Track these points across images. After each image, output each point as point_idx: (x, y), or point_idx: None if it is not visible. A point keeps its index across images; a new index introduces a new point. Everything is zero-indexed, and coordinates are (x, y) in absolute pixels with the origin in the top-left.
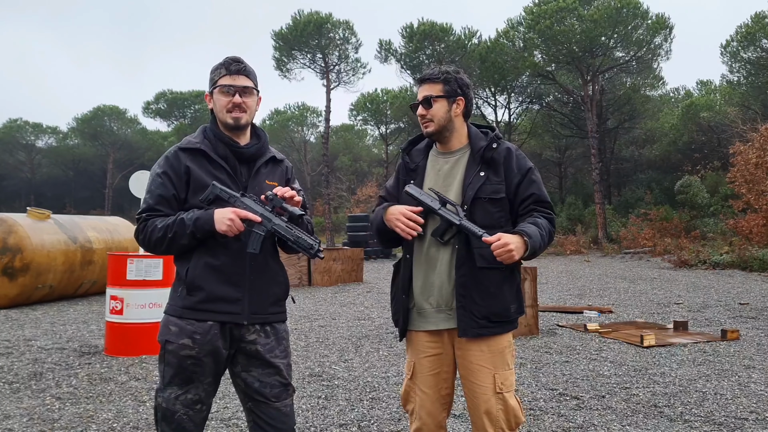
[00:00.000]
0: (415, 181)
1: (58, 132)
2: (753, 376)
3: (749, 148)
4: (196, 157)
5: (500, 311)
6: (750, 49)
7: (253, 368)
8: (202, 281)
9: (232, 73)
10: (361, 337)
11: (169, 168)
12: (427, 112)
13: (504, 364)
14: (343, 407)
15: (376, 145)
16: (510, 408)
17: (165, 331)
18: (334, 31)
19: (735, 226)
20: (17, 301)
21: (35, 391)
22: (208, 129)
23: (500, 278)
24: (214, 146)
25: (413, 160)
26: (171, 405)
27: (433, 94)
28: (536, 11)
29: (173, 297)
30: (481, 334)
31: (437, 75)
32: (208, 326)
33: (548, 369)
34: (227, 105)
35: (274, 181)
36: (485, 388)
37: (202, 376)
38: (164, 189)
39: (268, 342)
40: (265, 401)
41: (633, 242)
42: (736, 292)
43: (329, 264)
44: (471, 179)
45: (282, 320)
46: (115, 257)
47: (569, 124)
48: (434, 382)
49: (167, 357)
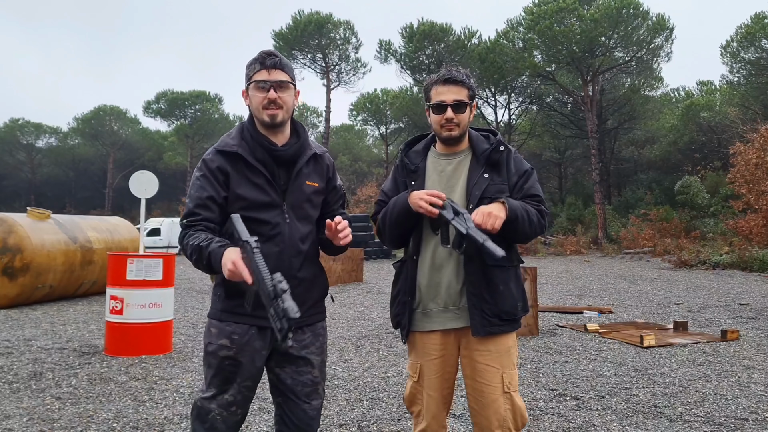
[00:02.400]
0: (416, 183)
1: (58, 132)
2: (753, 377)
3: (749, 149)
4: (233, 161)
5: (509, 309)
6: (750, 50)
7: (287, 364)
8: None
9: (268, 67)
10: (361, 337)
11: (207, 171)
12: (455, 116)
13: (510, 364)
14: (343, 407)
15: (376, 145)
16: (517, 408)
17: (207, 334)
18: (335, 31)
19: (735, 227)
20: (17, 301)
21: (35, 391)
22: (245, 129)
23: (507, 276)
24: (252, 149)
25: (412, 162)
26: (206, 404)
27: (464, 99)
28: (536, 11)
29: (214, 301)
30: (492, 333)
31: (465, 79)
32: (246, 327)
33: (548, 369)
34: (263, 101)
35: (315, 182)
36: (493, 387)
37: (239, 377)
38: (203, 191)
39: (303, 338)
40: (294, 400)
41: (633, 242)
42: (736, 293)
43: (329, 264)
44: (476, 180)
45: (320, 319)
46: (115, 257)
47: (569, 125)
48: (439, 385)
49: (208, 359)
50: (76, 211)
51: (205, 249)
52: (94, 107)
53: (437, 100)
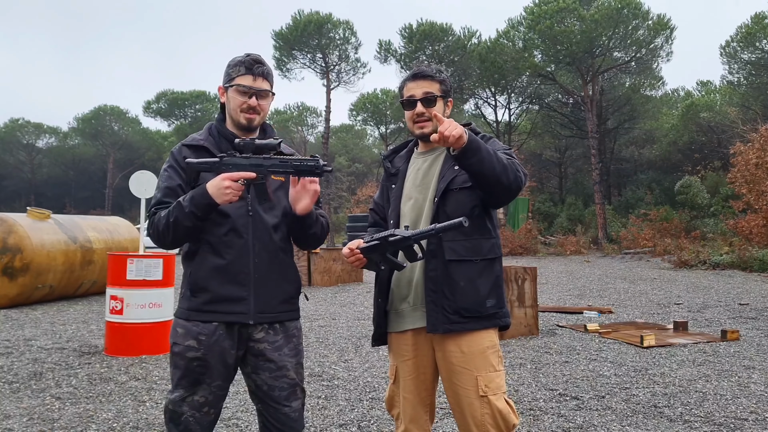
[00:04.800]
0: (396, 185)
1: (58, 132)
2: (753, 377)
3: (749, 149)
4: (198, 153)
5: (471, 306)
6: (750, 50)
7: (262, 370)
8: (206, 282)
9: (255, 74)
10: (361, 337)
11: (174, 162)
12: (426, 111)
13: (487, 366)
14: (343, 407)
15: (376, 145)
16: (497, 411)
17: (173, 334)
18: (334, 31)
19: (735, 227)
20: (17, 301)
21: (35, 391)
22: (213, 127)
23: (473, 272)
24: (218, 143)
25: (394, 165)
26: (178, 407)
27: (434, 92)
28: (536, 11)
29: (180, 300)
30: (451, 330)
31: (435, 73)
32: (213, 327)
33: (548, 369)
34: (242, 105)
35: (279, 176)
36: (467, 390)
37: (209, 378)
38: (170, 181)
39: (276, 340)
40: (274, 405)
41: (633, 242)
42: (736, 293)
43: (329, 264)
44: (444, 173)
45: (293, 318)
46: (115, 257)
47: (569, 125)
48: (414, 387)
49: (175, 359)
50: (76, 211)
51: (182, 201)
52: (94, 107)
53: (407, 96)
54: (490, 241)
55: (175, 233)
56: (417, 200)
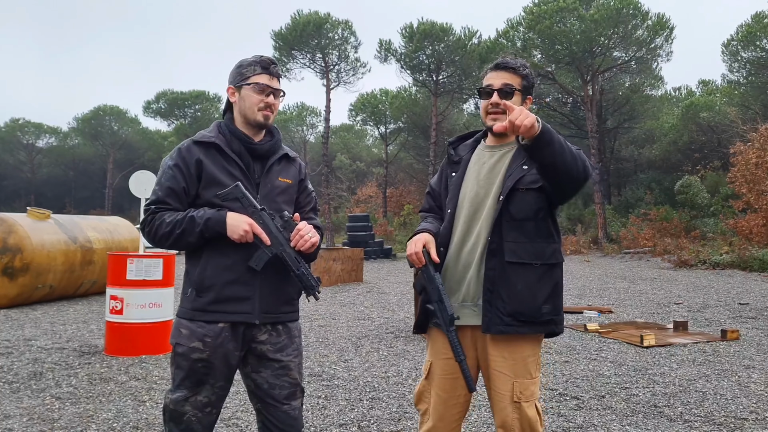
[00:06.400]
0: (456, 174)
1: (58, 132)
2: (753, 376)
3: (749, 148)
4: (209, 151)
5: (527, 311)
6: (750, 49)
7: (263, 369)
8: (212, 282)
9: (272, 74)
10: (361, 337)
11: (180, 160)
12: (502, 103)
13: (525, 373)
14: (342, 407)
15: (375, 145)
16: (526, 418)
17: (176, 334)
18: (334, 31)
19: (735, 226)
20: (17, 301)
21: (35, 391)
22: (222, 125)
23: (532, 277)
24: (229, 141)
25: (457, 153)
26: (180, 407)
27: (514, 85)
28: (536, 11)
29: (183, 299)
30: (505, 332)
31: (519, 66)
32: (219, 329)
33: (548, 369)
34: (259, 103)
35: (287, 179)
36: (502, 395)
37: (212, 379)
38: (174, 182)
39: (279, 341)
40: (274, 404)
41: (633, 242)
42: (736, 292)
43: (329, 264)
44: (512, 171)
45: (294, 319)
46: (115, 257)
47: (569, 124)
48: (451, 386)
49: (178, 360)
50: (76, 211)
51: (197, 218)
52: (94, 107)
53: (486, 85)
54: (552, 245)
55: (176, 243)
56: (478, 194)
